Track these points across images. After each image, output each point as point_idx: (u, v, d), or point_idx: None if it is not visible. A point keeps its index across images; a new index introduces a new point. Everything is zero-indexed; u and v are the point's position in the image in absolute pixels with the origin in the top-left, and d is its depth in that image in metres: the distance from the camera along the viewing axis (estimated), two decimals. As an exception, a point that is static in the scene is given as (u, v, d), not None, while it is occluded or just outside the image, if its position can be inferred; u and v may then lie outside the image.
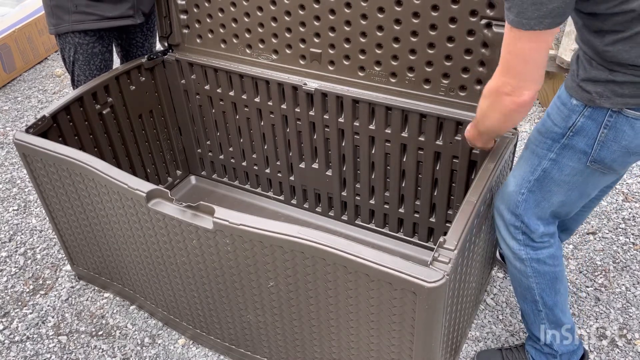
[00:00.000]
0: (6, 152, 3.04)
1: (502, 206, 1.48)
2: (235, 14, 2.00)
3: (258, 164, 2.35)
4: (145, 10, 2.17)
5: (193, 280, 1.63)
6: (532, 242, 1.45)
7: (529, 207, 1.41)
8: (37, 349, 1.92)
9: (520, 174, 1.42)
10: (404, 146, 1.91)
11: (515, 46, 1.15)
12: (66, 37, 2.09)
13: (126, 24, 2.13)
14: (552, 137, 1.33)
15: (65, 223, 1.93)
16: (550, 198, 1.39)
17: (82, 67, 2.15)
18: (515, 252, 1.48)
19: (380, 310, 1.28)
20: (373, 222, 2.22)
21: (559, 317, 1.56)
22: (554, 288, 1.51)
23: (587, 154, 1.28)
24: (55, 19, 2.05)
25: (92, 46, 2.12)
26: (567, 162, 1.32)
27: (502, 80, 1.21)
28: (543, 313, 1.55)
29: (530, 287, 1.51)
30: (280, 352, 1.65)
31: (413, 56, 1.72)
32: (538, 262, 1.47)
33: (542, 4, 1.06)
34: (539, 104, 3.20)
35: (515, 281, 1.56)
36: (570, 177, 1.35)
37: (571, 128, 1.28)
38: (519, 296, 1.60)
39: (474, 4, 1.54)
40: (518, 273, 1.52)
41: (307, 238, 1.28)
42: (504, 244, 1.51)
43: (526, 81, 1.19)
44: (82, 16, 2.04)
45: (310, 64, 1.93)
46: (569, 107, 1.28)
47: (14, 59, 3.80)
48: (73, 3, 2.01)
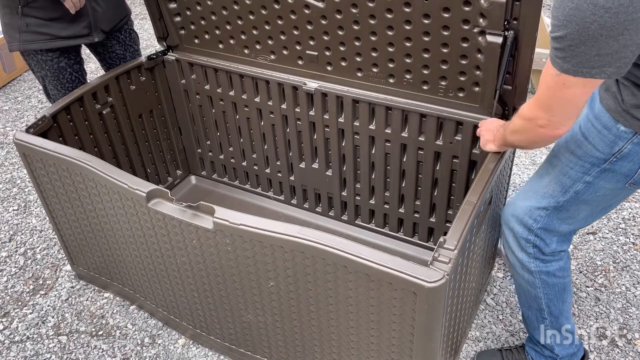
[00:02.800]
0: (6, 152, 3.04)
1: (513, 219, 1.44)
2: (228, 17, 1.98)
3: (258, 164, 2.35)
4: (104, 29, 2.11)
5: (193, 280, 1.63)
6: (543, 255, 1.43)
7: (550, 224, 1.38)
8: (37, 349, 1.92)
9: (546, 191, 1.37)
10: (404, 146, 1.91)
11: (562, 91, 1.09)
12: (29, 54, 2.05)
13: (82, 42, 2.09)
14: (591, 162, 1.27)
15: (65, 223, 1.93)
16: (577, 216, 1.37)
17: (53, 82, 2.11)
18: (525, 264, 1.45)
19: (380, 310, 1.28)
20: (373, 222, 2.22)
21: (563, 324, 1.55)
22: (561, 298, 1.49)
23: (628, 177, 1.25)
24: (8, 37, 2.01)
25: (58, 61, 2.07)
26: (604, 184, 1.29)
27: (540, 114, 1.16)
28: (547, 321, 1.54)
29: (537, 297, 1.49)
30: (280, 352, 1.65)
31: (409, 59, 1.71)
32: (547, 274, 1.44)
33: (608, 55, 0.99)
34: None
35: (520, 290, 1.54)
36: (602, 197, 1.32)
37: (616, 154, 1.23)
38: (523, 304, 1.58)
39: (465, 14, 1.51)
40: (525, 283, 1.49)
41: (307, 238, 1.28)
42: (512, 255, 1.48)
43: (566, 120, 1.14)
44: (33, 36, 1.98)
45: (309, 64, 1.93)
46: (614, 133, 1.22)
47: (14, 58, 3.80)
48: (24, 22, 1.96)
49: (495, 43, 1.50)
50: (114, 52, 2.26)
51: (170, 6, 2.08)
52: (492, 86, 1.60)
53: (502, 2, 1.43)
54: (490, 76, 1.58)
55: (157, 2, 2.08)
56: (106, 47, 2.24)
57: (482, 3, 1.46)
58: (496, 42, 1.50)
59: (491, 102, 1.63)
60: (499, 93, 1.57)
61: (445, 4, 1.52)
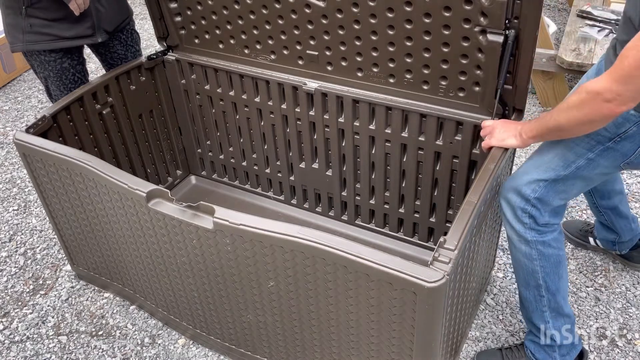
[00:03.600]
0: (6, 152, 3.04)
1: (512, 191, 1.50)
2: (229, 16, 1.99)
3: (258, 164, 2.35)
4: (108, 29, 2.11)
5: (193, 280, 1.63)
6: (538, 226, 1.49)
7: (546, 195, 1.45)
8: (37, 349, 1.92)
9: (549, 165, 1.44)
10: (404, 146, 1.91)
11: None
12: (32, 55, 2.05)
13: (85, 43, 2.09)
14: (597, 139, 1.35)
15: (65, 223, 1.93)
16: (570, 191, 1.45)
17: (56, 82, 2.11)
18: (521, 234, 1.50)
19: (380, 310, 1.28)
20: (373, 222, 2.22)
21: (561, 305, 1.57)
22: (557, 272, 1.54)
23: (626, 156, 1.34)
24: (11, 38, 2.01)
25: (61, 62, 2.07)
26: (604, 162, 1.37)
27: (612, 87, 1.15)
28: (545, 299, 1.56)
29: (534, 270, 1.54)
30: (280, 352, 1.65)
31: (409, 59, 1.71)
32: (543, 244, 1.50)
33: None
34: (539, 104, 3.20)
35: (518, 266, 1.58)
36: (597, 174, 1.40)
37: (621, 135, 1.32)
38: (521, 283, 1.61)
39: (467, 13, 1.51)
40: (523, 257, 1.54)
41: (307, 238, 1.28)
42: (510, 228, 1.53)
43: (635, 97, 1.15)
44: (37, 36, 1.98)
45: (310, 64, 1.93)
46: (624, 115, 1.29)
47: (14, 59, 3.80)
48: (28, 22, 1.95)
49: (496, 42, 1.50)
50: (115, 52, 2.26)
51: (171, 6, 2.08)
52: (492, 86, 1.60)
53: (503, 1, 1.43)
54: (490, 76, 1.58)
55: (158, 2, 2.08)
56: (108, 47, 2.24)
57: (483, 2, 1.46)
58: (497, 41, 1.50)
59: (491, 102, 1.63)
60: (500, 92, 1.58)
61: (446, 3, 1.52)
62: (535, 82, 3.12)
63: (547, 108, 3.16)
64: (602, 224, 2.01)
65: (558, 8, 4.51)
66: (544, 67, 2.96)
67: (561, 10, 4.46)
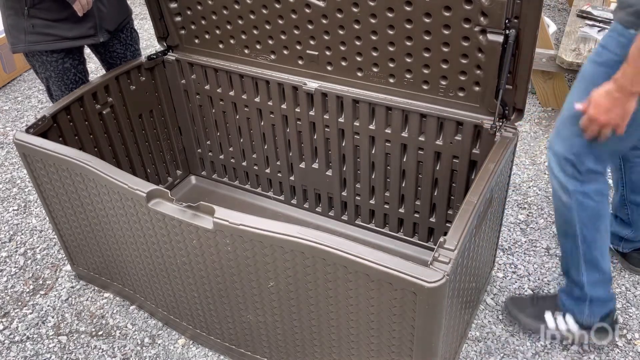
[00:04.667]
0: (6, 152, 3.04)
1: (558, 139, 1.52)
2: (229, 16, 1.99)
3: (258, 164, 2.35)
4: (109, 29, 2.12)
5: (193, 280, 1.63)
6: (580, 175, 1.50)
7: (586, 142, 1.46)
8: (37, 349, 1.92)
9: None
10: (404, 146, 1.91)
11: None
12: (33, 55, 2.05)
13: (87, 43, 2.09)
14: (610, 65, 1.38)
15: (65, 223, 1.93)
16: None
17: (57, 82, 2.11)
18: (563, 183, 1.52)
19: (380, 310, 1.28)
20: (373, 222, 2.22)
21: (597, 259, 1.58)
22: (594, 225, 1.55)
23: None
24: (12, 38, 2.01)
25: (62, 62, 2.07)
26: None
27: None
28: (581, 250, 1.58)
29: (572, 220, 1.55)
30: (280, 352, 1.65)
31: (409, 59, 1.71)
32: (583, 194, 1.51)
33: None
34: (539, 104, 3.20)
35: (558, 216, 1.61)
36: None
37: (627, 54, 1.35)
38: (560, 233, 1.64)
39: (467, 12, 1.51)
40: (562, 206, 1.56)
41: (307, 238, 1.28)
42: (553, 177, 1.56)
43: None
44: (39, 37, 1.98)
45: (310, 64, 1.93)
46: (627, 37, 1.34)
47: (14, 59, 3.80)
48: (30, 23, 1.95)
49: (496, 42, 1.50)
50: (115, 51, 2.26)
51: (171, 6, 2.08)
52: (492, 85, 1.60)
53: (503, 1, 1.43)
54: (491, 75, 1.58)
55: (158, 2, 2.08)
56: (107, 47, 2.24)
57: (483, 1, 1.46)
58: (497, 40, 1.50)
59: (491, 102, 1.63)
60: (501, 92, 1.58)
61: (446, 3, 1.53)
62: (535, 82, 3.12)
63: (547, 108, 3.16)
64: (619, 219, 2.01)
65: (558, 8, 4.51)
66: (544, 67, 2.96)
67: (561, 10, 4.46)
